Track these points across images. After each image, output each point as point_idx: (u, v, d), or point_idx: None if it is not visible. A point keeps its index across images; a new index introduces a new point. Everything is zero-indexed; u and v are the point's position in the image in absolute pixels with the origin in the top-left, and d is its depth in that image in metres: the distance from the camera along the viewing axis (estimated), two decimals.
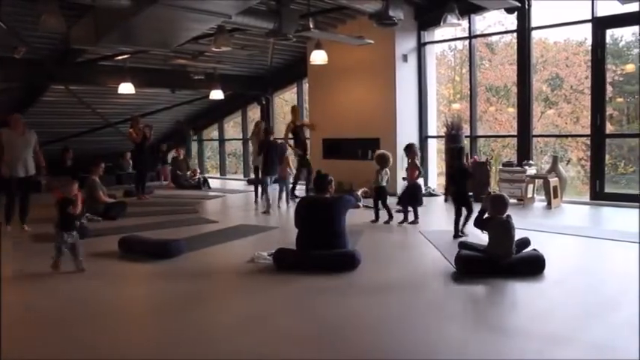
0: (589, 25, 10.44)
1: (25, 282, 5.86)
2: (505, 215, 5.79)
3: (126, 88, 12.99)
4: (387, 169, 9.07)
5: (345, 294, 5.15)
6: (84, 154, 12.68)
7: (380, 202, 8.99)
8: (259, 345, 3.96)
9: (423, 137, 12.91)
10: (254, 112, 18.29)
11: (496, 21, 15.33)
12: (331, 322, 4.40)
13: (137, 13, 8.26)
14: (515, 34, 11.62)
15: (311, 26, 10.02)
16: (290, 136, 12.43)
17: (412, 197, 9.04)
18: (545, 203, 10.52)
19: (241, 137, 18.34)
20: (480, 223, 5.91)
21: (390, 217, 8.91)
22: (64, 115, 14.79)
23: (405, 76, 12.65)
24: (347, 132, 12.86)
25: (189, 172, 15.63)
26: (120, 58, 12.45)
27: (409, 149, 9.63)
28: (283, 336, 4.17)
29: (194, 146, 20.18)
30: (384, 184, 9.00)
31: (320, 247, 6.04)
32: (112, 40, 9.54)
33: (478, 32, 12.69)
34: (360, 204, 7.22)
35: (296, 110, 12.52)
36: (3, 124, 9.06)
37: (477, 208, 6.22)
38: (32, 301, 5.16)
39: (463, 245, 5.97)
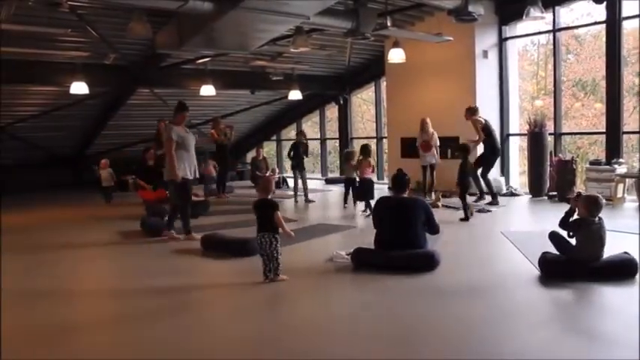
0: None
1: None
2: (597, 217, 5.52)
3: (207, 90, 13.37)
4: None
5: (425, 295, 5.08)
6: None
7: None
8: (337, 345, 3.96)
9: (505, 135, 12.54)
10: (332, 112, 18.37)
11: (584, 12, 14.67)
12: (410, 323, 4.34)
13: (218, 17, 8.48)
14: (604, 25, 11.07)
15: (388, 24, 9.96)
16: None
17: (367, 192, 10.02)
18: (637, 204, 9.98)
19: (319, 137, 18.45)
20: (567, 225, 5.64)
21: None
22: (148, 117, 15.35)
23: (486, 72, 12.33)
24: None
25: (268, 172, 15.86)
26: (201, 61, 12.82)
27: (365, 149, 10.37)
28: (362, 336, 4.15)
29: (272, 146, 20.53)
30: None
31: (399, 246, 5.99)
32: (194, 45, 9.83)
33: (563, 25, 12.19)
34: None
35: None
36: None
37: (564, 208, 5.95)
38: (118, 297, 5.38)
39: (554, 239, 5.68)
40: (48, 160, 15.39)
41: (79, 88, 11.73)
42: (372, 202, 9.33)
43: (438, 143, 11.62)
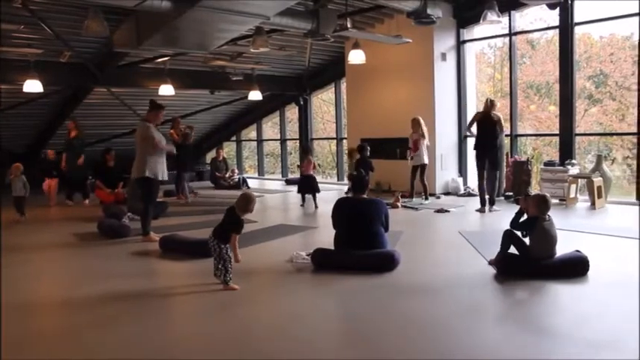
0: (636, 19, 10.13)
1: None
2: (547, 216, 5.68)
3: (166, 89, 13.23)
4: None
5: (385, 295, 5.12)
6: (126, 155, 12.93)
7: None
8: (297, 344, 3.97)
9: (463, 136, 12.76)
10: (292, 113, 18.39)
11: (537, 17, 15.07)
12: (370, 323, 4.38)
13: (177, 16, 8.40)
14: (557, 30, 11.37)
15: (349, 26, 10.03)
16: None
17: (311, 187, 10.92)
18: (589, 203, 10.28)
19: (279, 138, 18.43)
20: (518, 225, 5.78)
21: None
22: (106, 116, 15.14)
23: (444, 74, 12.52)
24: (385, 132, 12.81)
25: (228, 173, 15.78)
26: (160, 60, 12.68)
27: (305, 148, 10.99)
28: (321, 336, 4.17)
29: (233, 146, 20.42)
30: None
31: (358, 247, 6.03)
32: (152, 43, 9.72)
33: (519, 29, 12.48)
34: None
35: None
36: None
37: (514, 209, 6.09)
38: (73, 300, 5.27)
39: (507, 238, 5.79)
40: (2, 158, 14.97)
41: (32, 86, 11.43)
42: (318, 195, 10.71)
43: (428, 143, 11.54)
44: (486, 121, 9.71)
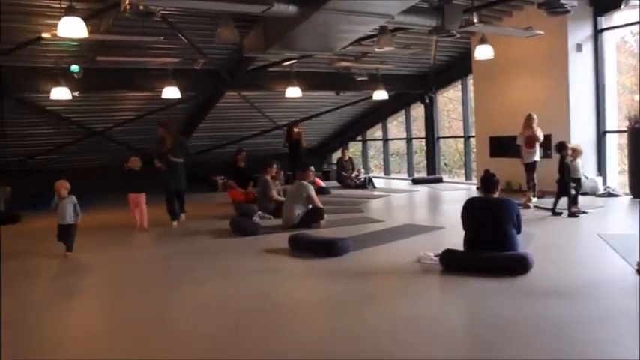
0: None
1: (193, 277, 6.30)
2: None
3: (293, 91, 13.57)
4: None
5: (515, 297, 4.89)
6: (255, 156, 13.48)
7: None
8: (423, 346, 3.89)
9: (601, 132, 11.94)
10: (418, 112, 18.16)
11: None
12: (499, 328, 4.20)
13: (302, 20, 8.56)
14: None
15: (475, 21, 9.71)
16: None
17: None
18: None
19: (405, 137, 18.27)
20: None
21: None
22: (236, 119, 15.81)
23: (580, 67, 11.79)
24: (515, 129, 12.27)
25: (354, 173, 15.88)
26: (287, 63, 13.01)
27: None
28: (448, 339, 4.06)
29: (358, 146, 20.54)
30: None
31: (489, 248, 5.82)
32: (279, 47, 9.99)
33: None
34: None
35: None
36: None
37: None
38: (202, 295, 5.53)
39: None
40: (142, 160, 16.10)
41: (170, 92, 12.29)
42: None
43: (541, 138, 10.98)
44: None
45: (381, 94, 14.90)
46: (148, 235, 8.97)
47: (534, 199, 10.52)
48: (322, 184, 14.16)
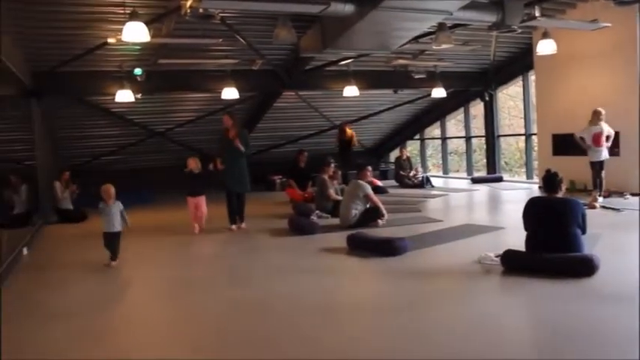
0: None
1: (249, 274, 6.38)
2: None
3: (350, 90, 13.56)
4: None
5: (580, 302, 4.72)
6: (311, 155, 13.58)
7: None
8: (483, 348, 3.82)
9: None
10: (477, 109, 17.84)
11: None
12: (561, 331, 4.07)
13: (359, 18, 8.54)
14: None
15: (537, 15, 9.45)
16: None
17: None
18: None
19: (464, 135, 17.98)
20: None
21: None
22: (294, 119, 15.94)
23: None
24: (580, 126, 11.87)
25: (412, 172, 15.75)
26: (344, 62, 13.01)
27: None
28: (508, 341, 3.97)
29: (416, 145, 20.35)
30: None
31: (552, 249, 5.65)
32: (336, 47, 9.99)
33: None
34: None
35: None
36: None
37: None
38: (260, 294, 5.59)
39: None
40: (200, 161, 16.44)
41: (229, 93, 12.50)
42: None
43: (613, 136, 10.64)
44: None
45: (439, 92, 14.71)
46: (205, 233, 9.10)
47: (601, 199, 10.17)
48: (379, 183, 14.11)
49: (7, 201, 10.88)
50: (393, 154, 18.95)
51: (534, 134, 14.66)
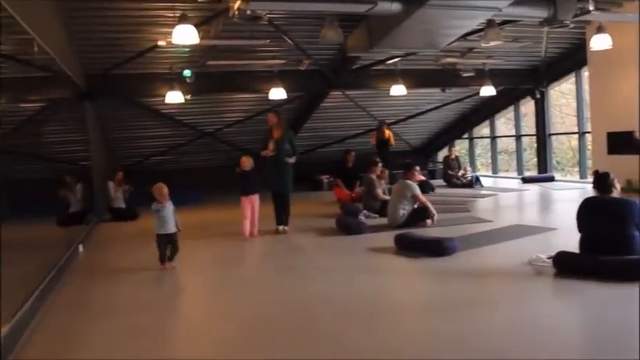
0: None
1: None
2: None
3: (398, 90, 13.47)
4: None
5: (636, 307, 4.54)
6: (359, 154, 13.56)
7: None
8: (534, 352, 3.73)
9: None
10: (527, 107, 17.48)
11: None
12: (616, 337, 3.93)
13: (407, 17, 8.48)
14: None
15: (591, 9, 9.19)
16: None
17: None
18: None
19: (514, 134, 17.63)
20: None
21: None
22: (340, 118, 15.93)
23: None
24: (637, 124, 11.51)
25: (460, 171, 15.53)
26: (391, 61, 12.93)
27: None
28: (560, 346, 3.85)
29: (465, 144, 20.07)
30: None
31: (608, 251, 5.47)
32: (383, 46, 9.95)
33: None
34: None
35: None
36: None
37: None
38: (307, 293, 5.60)
39: None
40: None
41: (277, 93, 12.60)
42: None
43: None
44: None
45: (488, 90, 14.47)
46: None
47: None
48: (423, 177, 13.66)
49: (63, 200, 11.24)
50: (441, 154, 18.75)
51: (588, 132, 14.25)
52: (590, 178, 13.46)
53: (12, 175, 11.60)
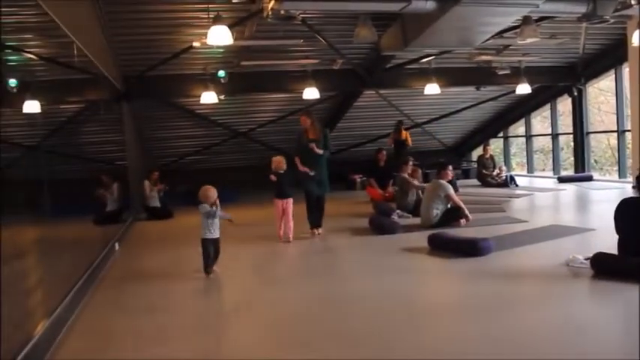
0: None
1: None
2: None
3: (431, 88, 13.38)
4: None
5: None
6: (391, 154, 13.53)
7: None
8: (570, 355, 3.67)
9: None
10: (564, 105, 17.16)
11: None
12: None
13: (441, 14, 8.41)
14: None
15: (633, 3, 8.97)
16: None
17: None
18: None
19: (550, 132, 17.33)
20: None
21: None
22: (374, 117, 15.88)
23: None
24: None
25: (495, 171, 15.32)
26: (425, 60, 12.85)
27: None
28: (598, 350, 3.78)
29: (499, 143, 19.81)
30: None
31: None
32: (418, 44, 9.89)
33: None
34: None
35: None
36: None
37: None
38: (341, 293, 5.59)
39: None
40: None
41: (310, 93, 12.64)
42: None
43: None
44: None
45: (524, 88, 14.26)
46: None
47: None
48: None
49: (100, 199, 11.48)
50: (475, 153, 18.53)
51: (628, 130, 13.91)
52: (630, 178, 13.19)
53: (52, 175, 11.93)
